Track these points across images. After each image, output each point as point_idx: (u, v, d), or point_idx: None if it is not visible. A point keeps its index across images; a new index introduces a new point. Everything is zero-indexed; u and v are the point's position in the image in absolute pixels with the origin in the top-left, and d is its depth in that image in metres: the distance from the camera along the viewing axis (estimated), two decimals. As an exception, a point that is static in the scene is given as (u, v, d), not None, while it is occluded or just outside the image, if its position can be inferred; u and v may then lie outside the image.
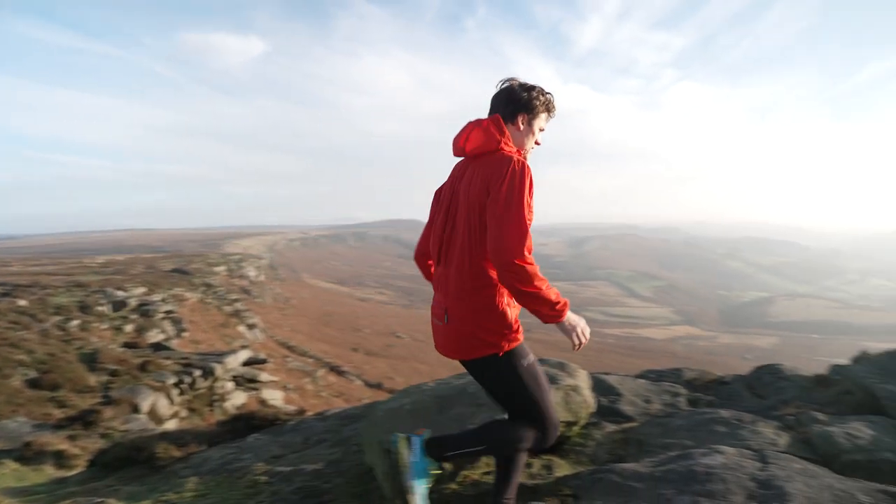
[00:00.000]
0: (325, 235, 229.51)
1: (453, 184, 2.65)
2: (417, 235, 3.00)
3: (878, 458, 3.45)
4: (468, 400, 3.80)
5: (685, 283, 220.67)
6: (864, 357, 5.46)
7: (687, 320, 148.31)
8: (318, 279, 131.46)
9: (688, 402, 5.10)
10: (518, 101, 2.58)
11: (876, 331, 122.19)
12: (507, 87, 2.62)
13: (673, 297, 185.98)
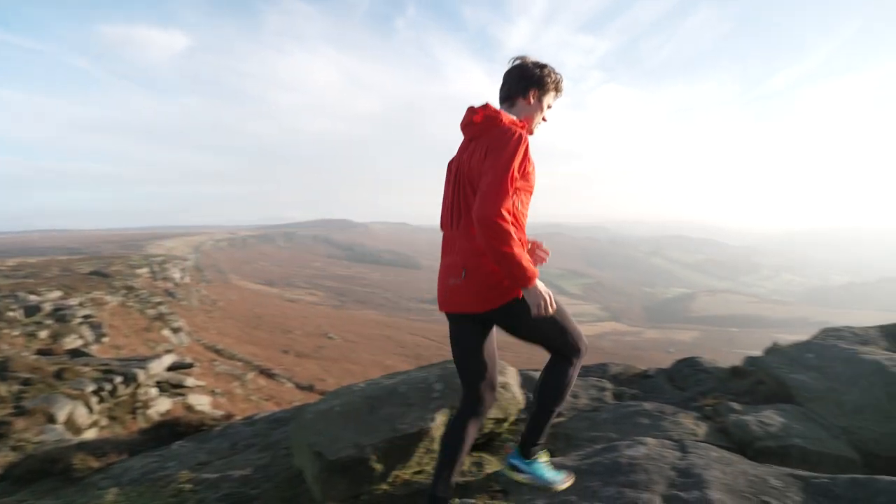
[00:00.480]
0: (253, 236, 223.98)
1: (460, 155, 2.81)
2: (348, 235, 3.04)
3: (788, 444, 3.65)
4: (398, 400, 3.80)
5: (612, 280, 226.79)
6: (775, 349, 5.75)
7: (614, 316, 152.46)
8: (246, 280, 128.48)
9: (613, 396, 5.26)
10: (531, 78, 2.79)
11: (788, 323, 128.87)
12: (520, 63, 2.81)
13: (600, 295, 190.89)
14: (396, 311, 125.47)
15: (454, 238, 2.77)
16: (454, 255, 2.75)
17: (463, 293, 2.68)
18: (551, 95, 2.88)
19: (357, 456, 3.23)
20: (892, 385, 4.26)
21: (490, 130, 2.66)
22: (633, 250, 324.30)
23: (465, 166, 2.71)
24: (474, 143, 2.71)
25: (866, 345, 5.45)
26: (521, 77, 2.80)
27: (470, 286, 2.64)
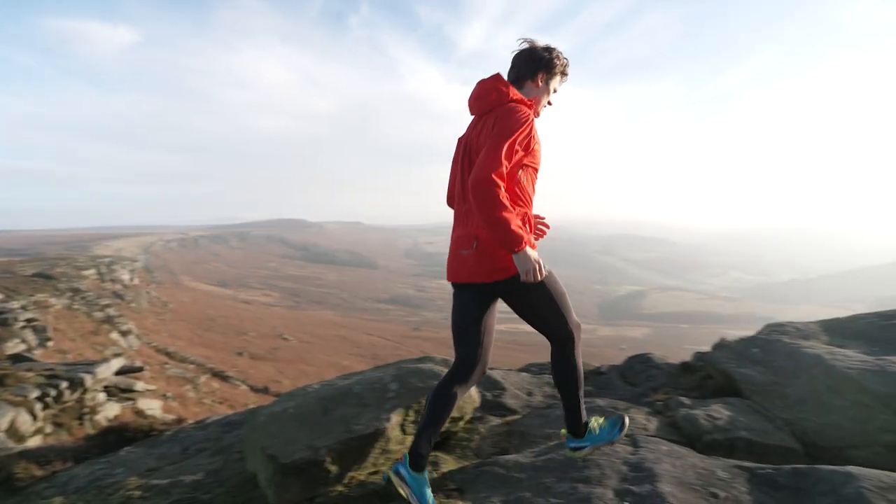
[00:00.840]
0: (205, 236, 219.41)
1: (470, 132, 2.89)
2: (303, 235, 3.06)
3: (735, 437, 3.77)
4: (353, 401, 3.78)
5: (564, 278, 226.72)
6: (722, 344, 5.92)
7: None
8: (198, 282, 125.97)
9: (567, 393, 5.34)
10: (539, 60, 2.89)
11: (735, 319, 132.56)
12: (529, 46, 2.91)
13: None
14: (352, 312, 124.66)
15: (466, 211, 2.84)
16: (467, 227, 2.83)
17: (472, 264, 2.76)
18: (558, 79, 2.99)
19: (311, 458, 3.20)
20: (831, 378, 4.43)
21: (499, 106, 2.74)
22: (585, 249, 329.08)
23: (474, 142, 2.79)
24: (484, 120, 2.79)
25: (808, 339, 5.65)
26: (530, 59, 2.89)
27: (479, 257, 2.73)
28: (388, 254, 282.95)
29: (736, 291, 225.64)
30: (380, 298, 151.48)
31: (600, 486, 2.75)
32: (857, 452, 3.88)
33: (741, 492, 2.70)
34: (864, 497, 2.45)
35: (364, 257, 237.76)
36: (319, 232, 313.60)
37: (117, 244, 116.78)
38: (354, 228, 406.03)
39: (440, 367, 4.32)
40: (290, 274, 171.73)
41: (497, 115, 2.69)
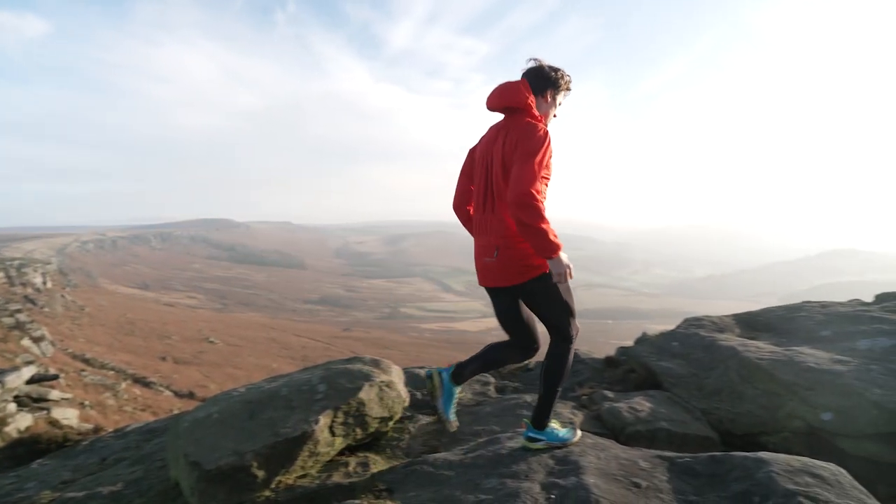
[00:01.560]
0: (124, 237, 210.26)
1: (488, 144, 3.20)
2: (229, 236, 2.99)
3: (656, 428, 3.92)
4: (280, 403, 3.71)
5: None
6: (644, 338, 6.13)
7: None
8: (117, 284, 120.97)
9: (496, 390, 5.41)
10: (548, 79, 3.21)
11: (657, 314, 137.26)
12: (537, 65, 3.23)
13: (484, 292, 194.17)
14: (281, 313, 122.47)
15: (487, 220, 3.17)
16: (489, 237, 3.16)
17: (494, 270, 3.14)
18: (563, 94, 3.31)
19: (237, 463, 3.13)
20: (744, 369, 4.66)
21: (519, 122, 3.05)
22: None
23: (498, 156, 3.08)
24: (503, 134, 3.08)
25: (723, 332, 5.91)
26: (540, 77, 3.20)
27: (500, 264, 3.09)
28: (318, 254, 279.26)
29: (658, 287, 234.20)
30: (309, 299, 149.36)
31: (528, 481, 2.79)
32: (769, 438, 4.09)
33: (661, 480, 2.80)
34: (775, 481, 2.58)
35: (293, 257, 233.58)
36: (246, 232, 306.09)
37: (28, 246, 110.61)
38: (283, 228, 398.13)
39: (369, 367, 4.30)
40: (215, 275, 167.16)
41: (520, 134, 2.98)
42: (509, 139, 3.02)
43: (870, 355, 4.61)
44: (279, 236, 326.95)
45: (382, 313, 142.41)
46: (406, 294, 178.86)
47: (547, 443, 3.27)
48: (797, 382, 4.22)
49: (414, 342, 76.89)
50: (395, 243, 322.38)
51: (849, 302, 6.46)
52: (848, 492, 2.52)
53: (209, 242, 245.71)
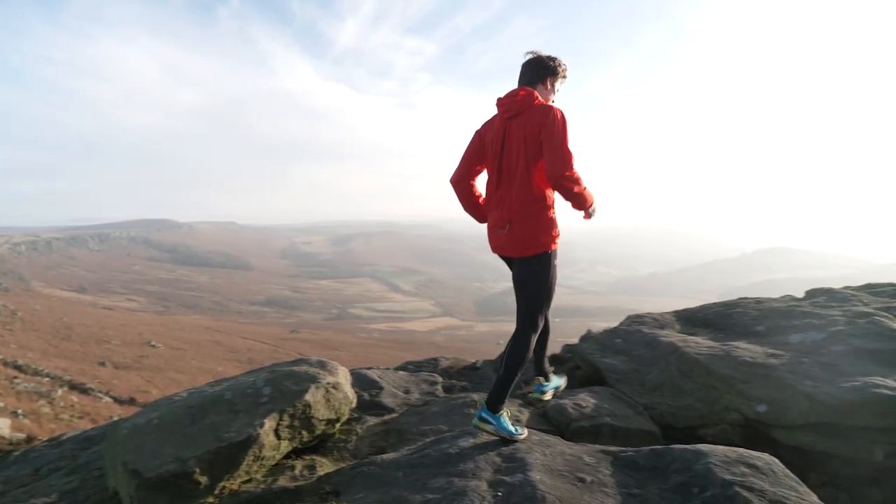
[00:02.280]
0: (59, 238, 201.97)
1: (503, 126, 3.57)
2: (171, 236, 2.93)
3: (600, 423, 4.00)
4: (224, 407, 3.64)
5: (443, 276, 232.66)
6: (588, 336, 6.25)
7: (446, 312, 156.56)
8: (52, 288, 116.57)
9: (444, 390, 5.43)
10: (547, 68, 3.63)
11: (602, 312, 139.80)
12: (537, 56, 3.65)
13: (433, 291, 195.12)
14: (227, 315, 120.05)
15: (500, 196, 3.56)
16: (502, 210, 3.53)
17: (505, 241, 3.52)
18: (560, 81, 3.73)
19: (178, 470, 3.05)
20: (684, 364, 4.80)
21: (532, 108, 3.46)
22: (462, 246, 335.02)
23: (516, 135, 3.47)
24: (519, 119, 3.48)
25: (664, 329, 6.07)
26: (539, 67, 3.63)
27: (512, 236, 3.47)
28: (264, 254, 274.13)
29: (602, 286, 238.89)
30: (255, 301, 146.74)
31: (475, 479, 2.82)
32: (707, 431, 4.23)
33: (605, 475, 2.87)
34: (712, 472, 2.67)
35: (238, 258, 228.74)
36: (189, 232, 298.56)
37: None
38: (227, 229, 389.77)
39: (315, 368, 4.26)
40: (157, 277, 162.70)
41: (542, 120, 3.36)
42: (529, 122, 3.42)
43: (801, 349, 4.82)
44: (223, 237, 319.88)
45: (330, 314, 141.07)
46: (354, 294, 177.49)
47: (496, 429, 3.37)
48: (734, 376, 4.37)
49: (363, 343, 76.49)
50: (342, 243, 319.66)
51: (782, 298, 6.72)
52: (781, 480, 2.63)
53: (150, 243, 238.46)
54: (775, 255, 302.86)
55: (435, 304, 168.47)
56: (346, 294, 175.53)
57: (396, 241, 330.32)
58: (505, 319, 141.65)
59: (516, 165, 3.46)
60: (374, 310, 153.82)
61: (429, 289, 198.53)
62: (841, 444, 3.85)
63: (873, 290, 6.72)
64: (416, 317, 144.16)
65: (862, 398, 3.80)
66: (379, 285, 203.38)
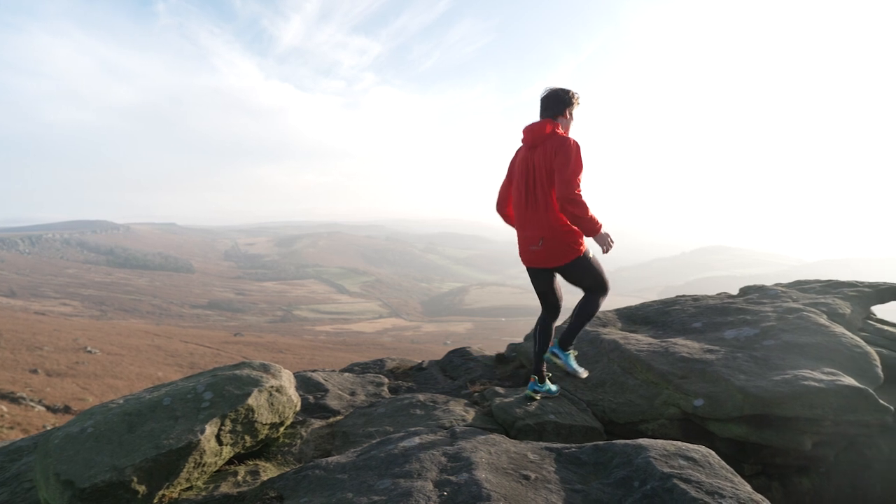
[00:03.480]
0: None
1: (527, 157, 4.19)
2: (107, 238, 2.86)
3: (544, 421, 4.05)
4: (163, 414, 3.54)
5: (390, 277, 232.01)
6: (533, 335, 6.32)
7: (393, 312, 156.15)
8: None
9: (390, 391, 5.41)
10: (563, 101, 4.19)
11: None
12: (552, 91, 4.20)
13: (380, 291, 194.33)
14: (167, 318, 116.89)
15: (529, 216, 4.17)
16: (532, 229, 4.15)
17: (541, 255, 4.14)
18: (576, 108, 4.29)
19: (115, 480, 2.96)
20: (625, 361, 4.92)
21: (552, 138, 4.04)
22: (408, 247, 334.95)
23: (539, 163, 4.07)
24: (540, 149, 4.07)
25: (606, 326, 6.21)
26: (559, 101, 4.18)
27: (545, 251, 4.10)
28: (206, 256, 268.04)
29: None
30: (197, 303, 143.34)
31: (420, 480, 2.82)
32: (648, 426, 4.34)
33: (549, 471, 2.91)
34: (652, 465, 2.74)
35: (179, 260, 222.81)
36: (127, 234, 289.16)
37: None
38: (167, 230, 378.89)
39: (258, 372, 4.18)
40: (93, 280, 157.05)
41: (557, 148, 3.95)
42: (548, 151, 4.01)
43: (735, 344, 5.00)
44: (163, 238, 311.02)
45: (275, 316, 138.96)
46: (299, 296, 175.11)
47: (563, 363, 4.31)
48: (672, 372, 4.51)
49: (308, 345, 75.45)
50: (287, 245, 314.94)
51: (717, 295, 6.95)
52: (717, 472, 2.72)
53: (85, 246, 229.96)
54: (712, 253, 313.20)
55: (381, 305, 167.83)
56: (291, 296, 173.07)
57: (342, 241, 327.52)
58: (452, 319, 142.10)
59: (542, 191, 4.06)
60: (319, 311, 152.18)
61: (375, 290, 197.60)
62: (772, 435, 4.01)
63: (802, 286, 7.02)
64: (363, 318, 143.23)
65: (792, 391, 3.97)
66: (325, 287, 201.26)
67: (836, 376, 4.16)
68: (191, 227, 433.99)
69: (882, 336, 5.64)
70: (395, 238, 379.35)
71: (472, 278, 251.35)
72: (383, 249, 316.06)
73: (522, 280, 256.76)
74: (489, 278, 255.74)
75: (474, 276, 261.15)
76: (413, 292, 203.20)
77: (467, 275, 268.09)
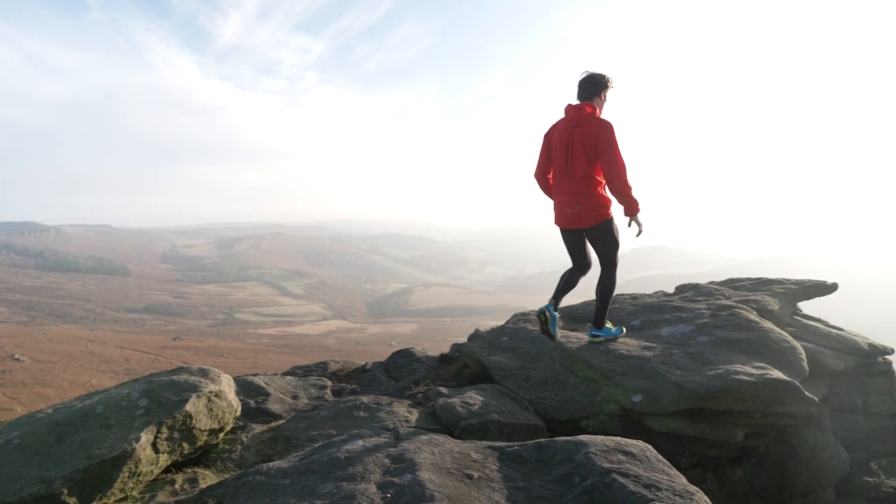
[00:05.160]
0: None
1: (567, 133, 4.78)
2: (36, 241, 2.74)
3: (487, 420, 4.09)
4: (95, 423, 3.41)
5: (334, 278, 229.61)
6: (476, 334, 6.37)
7: (338, 314, 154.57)
8: None
9: (333, 393, 5.36)
10: (599, 84, 4.84)
11: (491, 311, 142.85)
12: (590, 75, 4.84)
13: (323, 293, 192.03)
14: (102, 324, 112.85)
15: (567, 184, 4.84)
16: (568, 195, 4.85)
17: (576, 217, 4.86)
18: (610, 91, 4.90)
19: (43, 493, 2.84)
20: (567, 359, 5.00)
21: (592, 120, 4.69)
22: (352, 248, 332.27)
23: (578, 140, 4.70)
24: (582, 128, 4.70)
25: (548, 325, 6.29)
26: (595, 84, 4.82)
27: (581, 213, 4.81)
28: (143, 259, 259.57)
29: (491, 285, 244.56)
30: (133, 308, 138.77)
31: (364, 482, 2.80)
32: (589, 422, 4.43)
33: (492, 470, 2.94)
34: (592, 461, 2.80)
35: (114, 263, 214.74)
36: (57, 236, 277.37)
37: None
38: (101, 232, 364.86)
39: (197, 377, 4.08)
40: (20, 284, 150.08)
41: (597, 128, 4.63)
42: (589, 131, 4.65)
43: (671, 341, 5.16)
44: (97, 241, 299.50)
45: (216, 320, 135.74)
46: (241, 299, 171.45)
47: (605, 337, 5.13)
48: (612, 369, 4.61)
49: (251, 348, 74.00)
50: (228, 246, 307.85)
51: (654, 293, 7.15)
52: (654, 465, 2.80)
53: (12, 248, 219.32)
54: (650, 253, 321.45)
55: (326, 307, 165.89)
56: (232, 299, 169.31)
57: (285, 243, 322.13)
58: (397, 321, 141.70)
59: (580, 163, 4.70)
60: (262, 314, 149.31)
61: (319, 291, 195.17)
62: (707, 428, 4.16)
63: (734, 284, 7.29)
64: (307, 320, 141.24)
65: (725, 385, 4.12)
66: (267, 289, 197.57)
67: (766, 370, 4.35)
68: (126, 229, 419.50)
69: (807, 331, 5.92)
70: (338, 239, 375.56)
71: (417, 279, 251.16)
72: (327, 251, 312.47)
73: (467, 280, 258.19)
74: (434, 279, 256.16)
75: (419, 277, 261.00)
76: (357, 293, 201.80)
77: (412, 275, 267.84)
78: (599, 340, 5.09)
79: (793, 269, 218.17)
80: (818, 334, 5.83)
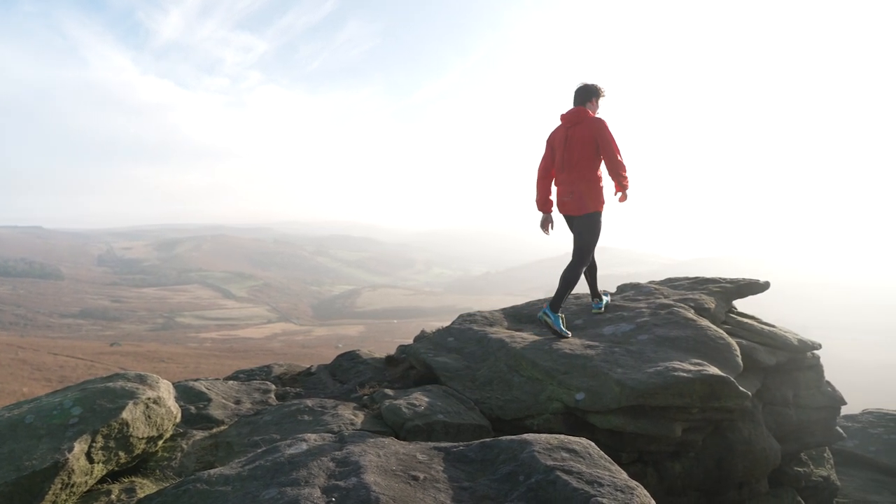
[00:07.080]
0: None
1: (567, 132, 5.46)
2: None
3: (433, 421, 4.09)
4: (24, 433, 3.26)
5: (279, 280, 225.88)
6: (422, 336, 6.38)
7: (283, 317, 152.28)
8: None
9: (277, 397, 5.28)
10: (592, 92, 5.55)
11: (438, 312, 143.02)
12: (584, 85, 5.54)
13: (268, 296, 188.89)
14: (33, 329, 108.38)
15: (566, 177, 5.50)
16: (568, 185, 5.48)
17: (572, 205, 5.50)
18: (601, 98, 5.61)
19: (-31, 507, 2.72)
20: (511, 359, 5.05)
21: (588, 119, 5.39)
22: (297, 249, 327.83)
23: (577, 136, 5.37)
24: (580, 126, 5.38)
25: (493, 325, 6.35)
26: (588, 92, 5.53)
27: (574, 202, 5.46)
28: (77, 262, 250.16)
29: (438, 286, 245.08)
30: (68, 312, 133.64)
31: (308, 487, 2.76)
32: (533, 421, 4.48)
33: (438, 471, 2.94)
34: (536, 459, 2.83)
35: (46, 266, 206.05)
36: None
37: None
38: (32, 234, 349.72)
39: (134, 383, 3.95)
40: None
41: (593, 126, 5.33)
42: (587, 129, 5.33)
43: (613, 339, 5.27)
44: (27, 243, 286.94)
45: (156, 324, 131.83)
46: (182, 302, 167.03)
47: (552, 322, 5.40)
48: (555, 368, 4.68)
49: (193, 353, 72.17)
50: (168, 248, 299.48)
51: (598, 293, 7.28)
52: (596, 462, 2.85)
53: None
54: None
55: (270, 310, 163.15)
56: (173, 302, 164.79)
57: (228, 244, 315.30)
58: (344, 322, 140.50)
59: (578, 158, 5.37)
60: (204, 318, 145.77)
61: (264, 294, 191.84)
62: (647, 424, 4.27)
63: (673, 283, 7.49)
64: (251, 323, 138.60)
65: (664, 381, 4.24)
66: (210, 292, 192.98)
67: (703, 366, 4.48)
68: (59, 231, 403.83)
69: (742, 328, 6.13)
70: (283, 241, 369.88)
71: (363, 280, 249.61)
72: (271, 252, 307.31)
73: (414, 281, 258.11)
74: (381, 280, 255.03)
75: (366, 279, 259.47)
76: (303, 296, 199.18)
77: (359, 277, 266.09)
78: (548, 322, 5.43)
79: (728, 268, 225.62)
80: (752, 331, 6.04)
